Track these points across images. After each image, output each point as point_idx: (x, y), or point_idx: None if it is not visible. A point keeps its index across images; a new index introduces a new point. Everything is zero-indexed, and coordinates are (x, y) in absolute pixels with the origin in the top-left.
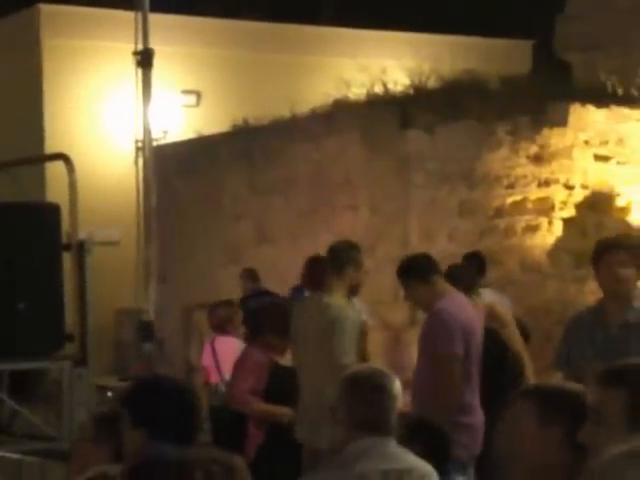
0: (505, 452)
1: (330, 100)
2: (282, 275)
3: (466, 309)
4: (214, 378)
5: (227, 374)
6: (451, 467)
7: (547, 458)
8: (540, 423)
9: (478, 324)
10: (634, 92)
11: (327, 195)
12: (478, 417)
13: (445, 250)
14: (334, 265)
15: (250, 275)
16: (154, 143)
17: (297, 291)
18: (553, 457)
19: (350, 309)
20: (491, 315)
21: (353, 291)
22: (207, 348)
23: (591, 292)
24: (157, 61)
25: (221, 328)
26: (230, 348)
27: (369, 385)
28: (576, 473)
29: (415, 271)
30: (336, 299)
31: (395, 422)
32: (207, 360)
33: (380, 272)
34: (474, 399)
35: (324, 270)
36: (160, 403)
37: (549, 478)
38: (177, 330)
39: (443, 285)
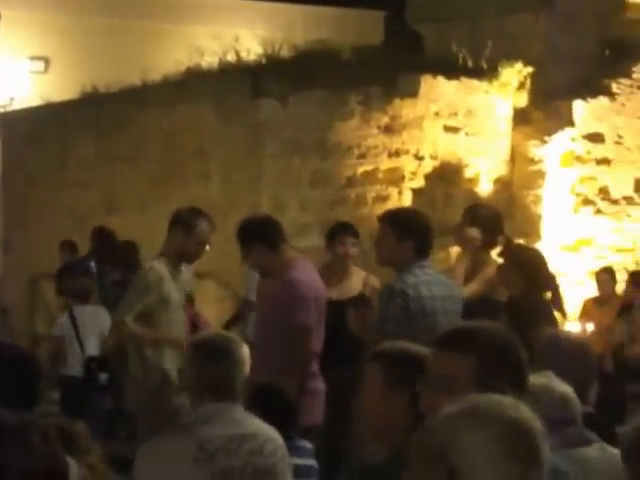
0: (357, 413)
1: (182, 68)
2: None
3: (316, 277)
4: (70, 347)
5: (92, 344)
6: (296, 432)
7: (392, 420)
8: (387, 386)
9: (324, 290)
10: (483, 64)
11: (178, 163)
12: (320, 382)
13: (296, 220)
14: (168, 225)
15: (69, 247)
16: (0, 110)
17: (84, 261)
18: (398, 419)
19: (153, 271)
20: (366, 283)
21: (182, 257)
22: (64, 317)
23: (440, 260)
24: (4, 26)
25: (83, 297)
26: (94, 317)
27: (215, 350)
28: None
29: (264, 236)
30: (154, 261)
31: (241, 388)
32: (63, 329)
33: (230, 241)
34: (316, 365)
35: (110, 241)
36: (0, 370)
37: (392, 438)
38: (22, 300)
39: (291, 252)
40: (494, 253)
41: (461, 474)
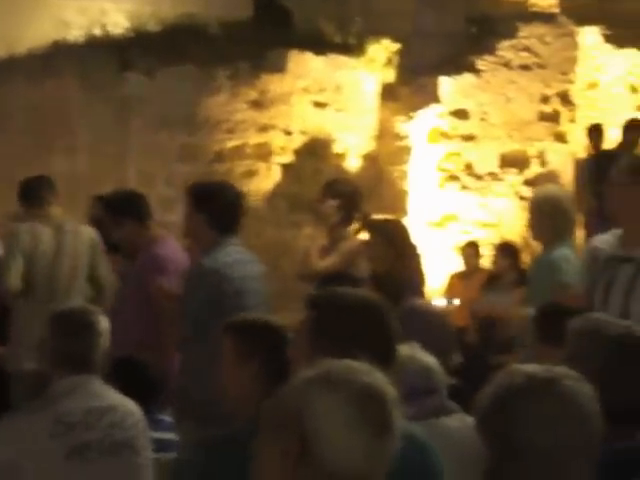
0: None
1: (48, 41)
2: None
3: (179, 253)
4: None
5: None
6: (156, 406)
7: (245, 389)
8: (237, 356)
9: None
10: (352, 40)
11: (44, 138)
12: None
13: (163, 195)
14: (42, 193)
15: None
16: None
17: None
18: (250, 388)
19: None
20: None
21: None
22: None
23: (306, 237)
24: None
25: None
26: None
27: (74, 322)
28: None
29: (135, 211)
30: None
31: (100, 360)
32: None
33: None
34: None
35: None
36: None
37: (246, 408)
38: None
39: (156, 229)
40: (352, 229)
41: (312, 439)
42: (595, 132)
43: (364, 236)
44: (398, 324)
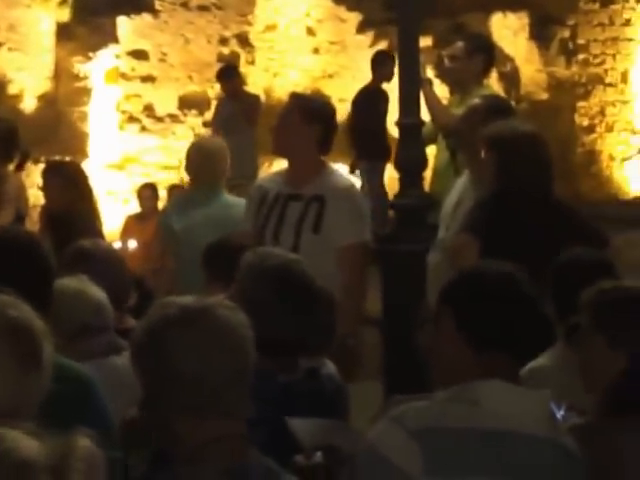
0: None
1: None
2: None
3: None
4: None
5: None
6: None
7: None
8: None
9: None
10: None
11: None
12: None
13: None
14: None
15: None
16: None
17: None
18: None
19: None
20: None
21: None
22: None
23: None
24: None
25: None
26: None
27: None
28: None
29: None
30: None
31: None
32: None
33: None
34: None
35: None
36: None
37: None
38: None
39: None
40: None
41: None
42: (227, 73)
43: (28, 174)
44: (54, 261)
